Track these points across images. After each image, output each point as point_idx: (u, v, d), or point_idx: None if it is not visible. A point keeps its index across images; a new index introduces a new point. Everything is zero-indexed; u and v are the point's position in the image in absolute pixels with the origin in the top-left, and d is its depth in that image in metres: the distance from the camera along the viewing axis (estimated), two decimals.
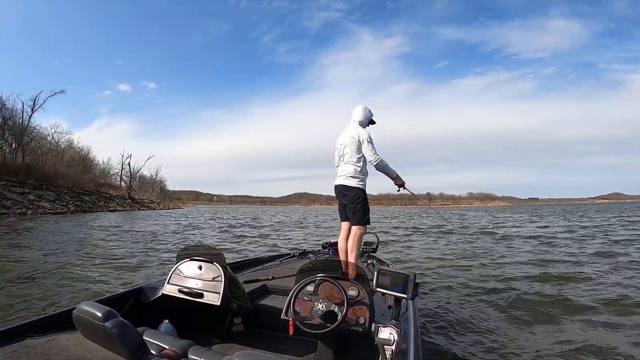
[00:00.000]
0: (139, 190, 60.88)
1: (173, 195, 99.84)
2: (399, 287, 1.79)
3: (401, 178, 3.49)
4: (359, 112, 3.52)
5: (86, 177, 46.07)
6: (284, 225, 21.86)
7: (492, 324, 3.72)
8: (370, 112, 3.56)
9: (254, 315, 2.46)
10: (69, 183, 37.54)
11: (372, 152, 3.30)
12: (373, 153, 3.30)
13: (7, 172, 29.57)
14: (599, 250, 8.53)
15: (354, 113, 3.53)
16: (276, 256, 4.29)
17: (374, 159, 3.30)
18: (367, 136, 3.33)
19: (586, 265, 6.86)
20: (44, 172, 34.93)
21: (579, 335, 3.38)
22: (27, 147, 37.70)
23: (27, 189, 29.52)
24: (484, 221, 23.03)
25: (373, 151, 3.30)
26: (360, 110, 3.52)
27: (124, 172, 58.35)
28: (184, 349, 1.50)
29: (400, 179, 3.48)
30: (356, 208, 3.33)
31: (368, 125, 3.56)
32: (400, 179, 3.48)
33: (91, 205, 36.57)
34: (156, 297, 2.28)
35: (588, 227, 15.93)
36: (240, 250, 9.59)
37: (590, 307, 4.19)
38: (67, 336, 1.55)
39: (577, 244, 10.18)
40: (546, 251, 8.84)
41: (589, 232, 13.57)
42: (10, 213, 23.06)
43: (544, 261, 7.29)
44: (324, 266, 2.12)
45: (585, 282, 5.43)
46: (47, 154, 41.71)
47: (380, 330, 1.66)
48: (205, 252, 2.30)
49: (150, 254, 8.49)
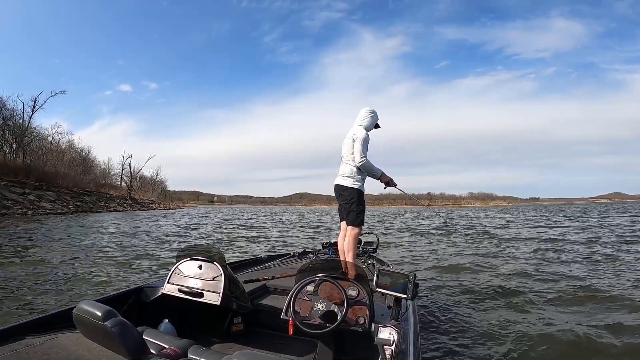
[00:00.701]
0: (139, 190, 60.90)
1: (174, 195, 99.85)
2: (399, 287, 1.80)
3: (387, 176, 3.47)
4: (364, 115, 3.50)
5: (87, 178, 46.09)
6: (280, 224, 21.83)
7: (492, 325, 3.70)
8: (376, 117, 3.53)
9: (254, 315, 2.45)
10: (69, 183, 37.58)
11: (359, 153, 3.27)
12: (360, 153, 3.27)
13: (7, 173, 29.60)
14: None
15: (359, 115, 3.52)
16: (276, 256, 4.29)
17: (358, 160, 3.28)
18: (362, 136, 3.31)
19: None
20: (45, 173, 34.97)
21: (587, 340, 3.27)
22: (27, 148, 37.74)
23: (28, 190, 29.54)
24: (487, 221, 22.93)
25: (361, 152, 3.27)
26: (365, 113, 3.50)
27: (125, 173, 58.49)
28: (183, 349, 1.50)
29: (386, 176, 3.47)
30: (350, 208, 3.33)
31: (373, 129, 3.53)
32: (386, 176, 3.47)
33: (92, 205, 36.58)
34: (156, 296, 2.28)
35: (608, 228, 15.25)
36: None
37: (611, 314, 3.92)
38: (67, 335, 1.55)
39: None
40: (556, 254, 8.41)
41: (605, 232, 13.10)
42: (11, 213, 23.07)
43: (546, 262, 7.26)
44: (324, 266, 2.12)
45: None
46: (48, 155, 41.74)
47: (380, 330, 1.67)
48: (205, 251, 2.30)
49: (151, 254, 8.50)
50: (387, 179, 3.47)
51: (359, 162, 3.28)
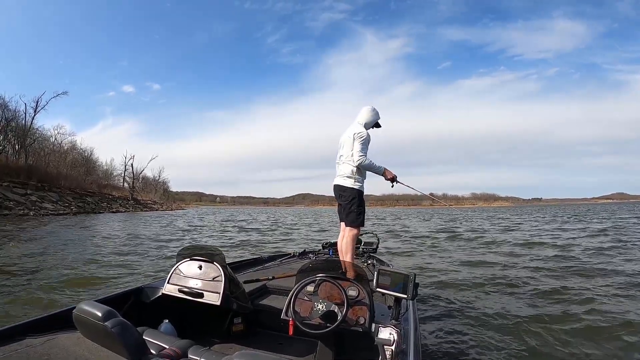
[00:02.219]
0: (141, 191, 61.14)
1: (176, 196, 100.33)
2: (399, 287, 1.80)
3: (391, 172, 3.38)
4: (364, 113, 3.43)
5: (89, 179, 46.31)
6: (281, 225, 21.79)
7: (493, 325, 3.70)
8: (377, 115, 3.46)
9: (254, 315, 2.45)
10: (71, 184, 37.68)
11: (359, 152, 3.22)
12: (359, 152, 3.22)
13: (9, 173, 29.69)
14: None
15: (360, 113, 3.45)
16: (276, 256, 4.29)
17: (357, 158, 3.22)
18: (362, 134, 3.26)
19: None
20: (47, 174, 35.10)
21: (589, 346, 3.24)
22: (29, 149, 37.91)
23: (30, 190, 29.65)
24: (487, 224, 22.83)
25: (359, 151, 3.22)
26: (365, 112, 3.43)
27: (127, 174, 58.68)
28: (184, 349, 1.50)
29: (390, 172, 3.38)
30: (350, 209, 3.28)
31: (373, 128, 3.46)
32: (390, 172, 3.38)
33: (94, 206, 36.69)
34: (156, 296, 2.28)
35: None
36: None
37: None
38: (67, 335, 1.55)
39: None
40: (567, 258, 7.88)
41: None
42: (12, 214, 23.13)
43: (553, 262, 7.23)
44: (324, 266, 2.11)
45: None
46: (50, 155, 41.94)
47: (380, 331, 1.66)
48: (205, 251, 2.30)
49: (151, 254, 8.52)
50: (391, 175, 3.38)
51: (357, 161, 3.23)
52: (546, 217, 28.67)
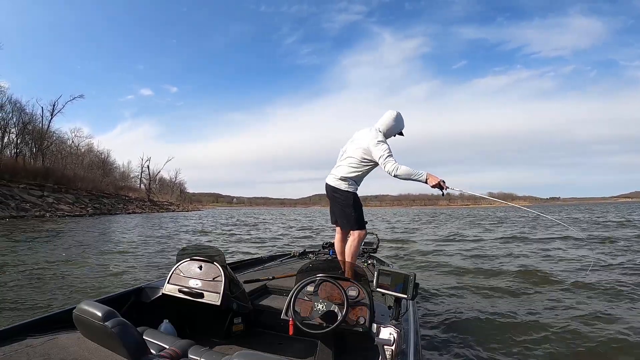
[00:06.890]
0: (158, 192, 62.08)
1: (193, 197, 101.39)
2: (399, 287, 1.80)
3: (435, 176, 2.82)
4: (386, 119, 3.08)
5: (106, 180, 47.17)
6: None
7: (493, 325, 3.64)
8: (402, 123, 3.11)
9: (254, 315, 2.46)
10: (88, 186, 38.56)
11: (390, 161, 2.83)
12: (390, 162, 2.83)
13: (26, 176, 30.50)
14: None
15: (381, 118, 3.10)
16: (276, 256, 4.29)
17: (392, 169, 2.80)
18: (383, 149, 2.88)
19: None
20: (64, 175, 35.97)
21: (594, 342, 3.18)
22: (46, 151, 38.86)
23: (46, 192, 30.43)
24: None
25: (391, 160, 2.84)
26: (388, 118, 3.08)
27: (144, 175, 59.66)
28: (184, 349, 1.51)
29: (434, 177, 2.81)
30: (349, 213, 3.07)
31: (395, 136, 3.13)
32: (434, 177, 2.81)
33: (110, 207, 37.39)
34: (156, 296, 2.29)
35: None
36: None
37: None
38: (67, 336, 1.56)
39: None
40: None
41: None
42: (29, 216, 23.66)
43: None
44: (324, 266, 2.11)
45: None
46: (67, 158, 42.88)
47: (380, 331, 1.66)
48: (205, 251, 2.31)
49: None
50: (436, 180, 2.81)
51: (394, 171, 2.80)
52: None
